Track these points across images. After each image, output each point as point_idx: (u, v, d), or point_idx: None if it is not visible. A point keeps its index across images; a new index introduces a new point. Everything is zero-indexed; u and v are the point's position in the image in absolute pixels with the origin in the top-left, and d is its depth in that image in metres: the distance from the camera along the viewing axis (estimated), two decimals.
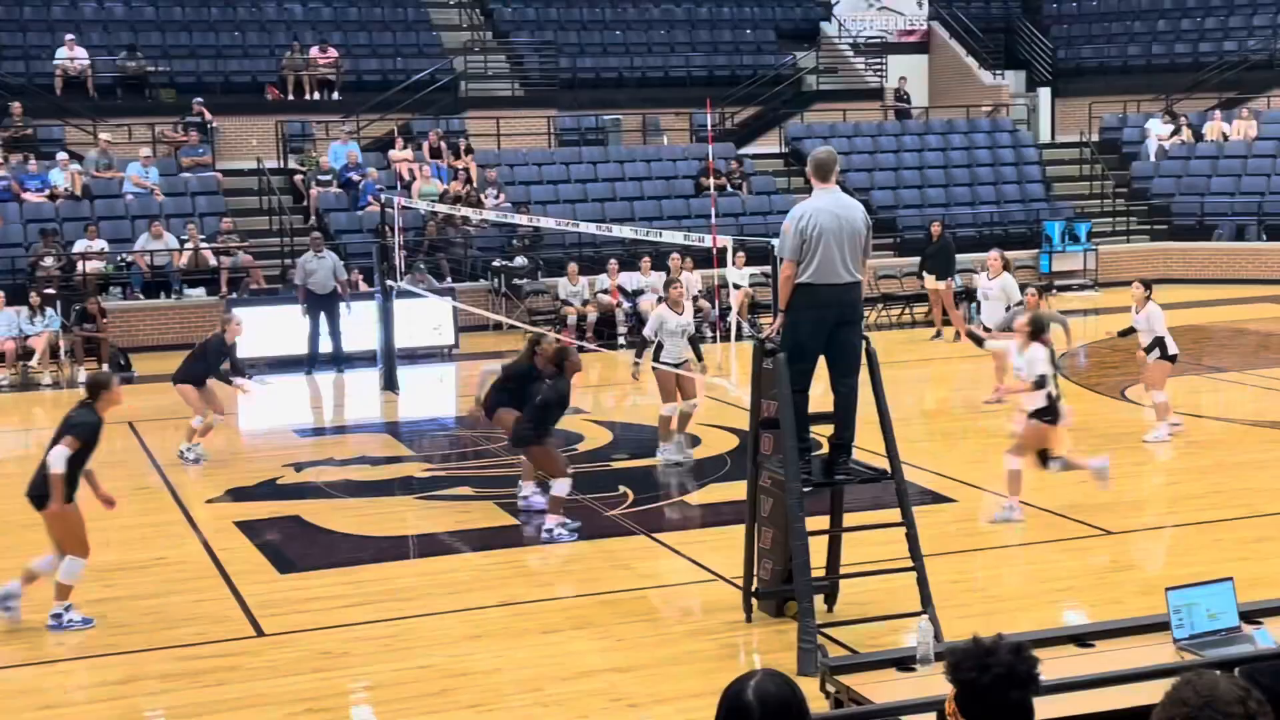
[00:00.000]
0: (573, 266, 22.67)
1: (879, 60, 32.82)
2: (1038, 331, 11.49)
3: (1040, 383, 11.28)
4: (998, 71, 32.84)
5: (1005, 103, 32.08)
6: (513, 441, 11.78)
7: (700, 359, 14.61)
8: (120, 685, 8.36)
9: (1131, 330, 14.67)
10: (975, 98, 31.99)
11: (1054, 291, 25.46)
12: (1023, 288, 16.68)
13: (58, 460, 9.27)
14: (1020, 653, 3.53)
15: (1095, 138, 31.22)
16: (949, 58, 33.62)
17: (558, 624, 9.29)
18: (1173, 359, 14.28)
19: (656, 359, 13.59)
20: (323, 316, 20.01)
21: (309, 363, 19.89)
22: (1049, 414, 11.36)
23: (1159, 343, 14.16)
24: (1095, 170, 30.32)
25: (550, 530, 11.17)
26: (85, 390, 9.80)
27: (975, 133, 30.26)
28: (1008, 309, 15.93)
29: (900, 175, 28.63)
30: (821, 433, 9.17)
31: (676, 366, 13.65)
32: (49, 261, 21.78)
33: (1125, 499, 12.17)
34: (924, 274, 22.34)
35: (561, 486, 11.19)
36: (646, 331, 13.98)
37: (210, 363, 14.54)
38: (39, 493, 9.41)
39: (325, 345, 20.03)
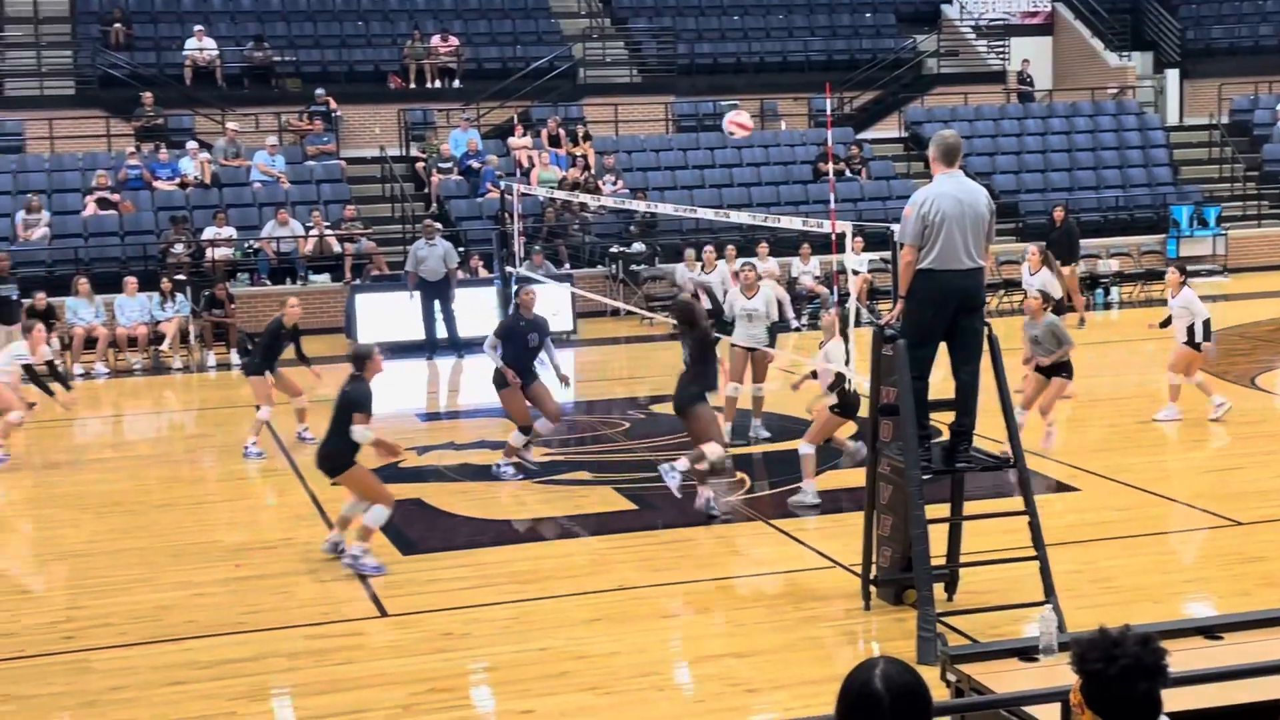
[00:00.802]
0: (690, 252, 22.67)
1: (1001, 43, 32.34)
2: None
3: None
4: (1124, 53, 32.17)
5: (1131, 85, 31.43)
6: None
7: (773, 345, 14.53)
8: (248, 663, 8.56)
9: (1170, 320, 14.50)
10: (1100, 80, 31.39)
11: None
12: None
13: (364, 435, 10.15)
14: (1148, 644, 3.48)
15: (1225, 120, 30.47)
16: (1073, 39, 33.02)
17: (675, 609, 9.33)
18: (1197, 347, 14.04)
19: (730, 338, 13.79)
20: (436, 303, 20.24)
21: (429, 348, 20.16)
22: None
23: (1191, 328, 13.99)
24: (1225, 153, 29.60)
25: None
26: (351, 363, 10.55)
27: (1100, 115, 29.70)
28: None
29: (1023, 159, 28.21)
30: (941, 420, 9.10)
31: (750, 351, 13.84)
32: (179, 248, 22.31)
33: (1254, 489, 11.89)
34: None
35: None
36: (725, 308, 14.32)
37: (270, 347, 14.46)
38: (333, 465, 10.32)
39: (441, 331, 20.26)
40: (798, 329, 21.83)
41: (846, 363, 10.73)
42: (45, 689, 8.22)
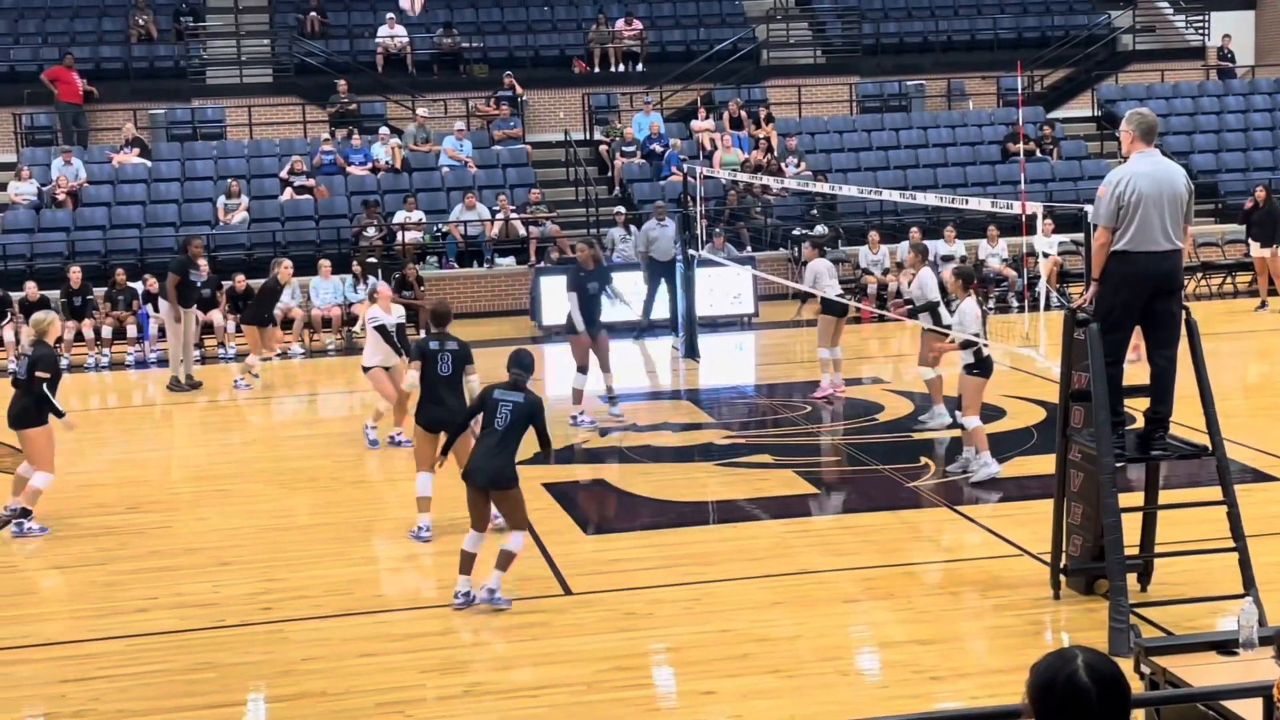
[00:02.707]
0: (874, 234, 22.44)
1: (1201, 17, 31.21)
2: None
3: None
4: None
5: None
6: None
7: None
8: (437, 637, 8.75)
9: None
10: None
11: None
12: None
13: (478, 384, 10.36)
14: None
15: None
16: (1278, 14, 31.70)
17: (857, 594, 9.26)
18: None
19: (939, 323, 13.40)
20: (663, 282, 20.21)
21: (642, 329, 19.96)
22: None
23: None
24: None
25: None
26: (434, 321, 10.87)
27: None
28: None
29: (1223, 138, 27.23)
30: (1135, 407, 8.84)
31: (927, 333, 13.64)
32: (371, 232, 22.87)
33: None
34: (1249, 241, 21.23)
35: None
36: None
37: (263, 303, 17.75)
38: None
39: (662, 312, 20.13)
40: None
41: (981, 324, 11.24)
42: (243, 658, 8.52)
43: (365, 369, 13.79)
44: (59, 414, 11.34)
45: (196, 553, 10.72)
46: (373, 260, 21.76)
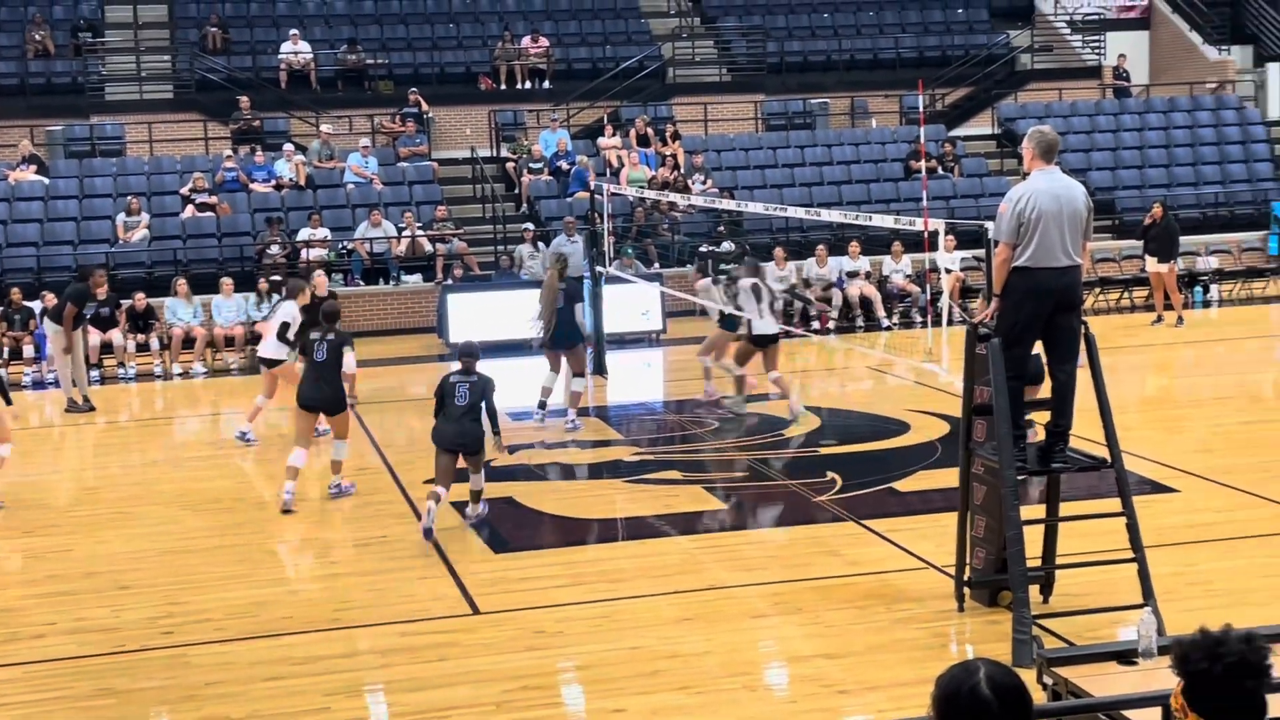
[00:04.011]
0: (780, 251, 22.59)
1: (1097, 37, 31.86)
2: None
3: None
4: (1223, 46, 31.55)
5: (1231, 79, 30.82)
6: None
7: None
8: (343, 659, 8.64)
9: None
10: (1199, 74, 30.82)
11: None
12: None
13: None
14: (1251, 642, 3.41)
15: None
16: (1171, 33, 32.44)
17: (765, 609, 9.30)
18: None
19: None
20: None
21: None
22: None
23: None
24: None
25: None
26: (324, 318, 12.55)
27: (1199, 110, 29.17)
28: None
29: (1119, 155, 27.79)
30: (1037, 420, 8.98)
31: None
32: (275, 249, 22.63)
33: None
34: (1146, 256, 21.68)
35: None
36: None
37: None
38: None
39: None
40: (888, 328, 21.68)
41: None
42: (145, 683, 8.36)
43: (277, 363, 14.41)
44: None
45: (96, 576, 10.51)
46: (277, 278, 21.52)
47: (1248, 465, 12.46)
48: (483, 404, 11.22)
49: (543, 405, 15.41)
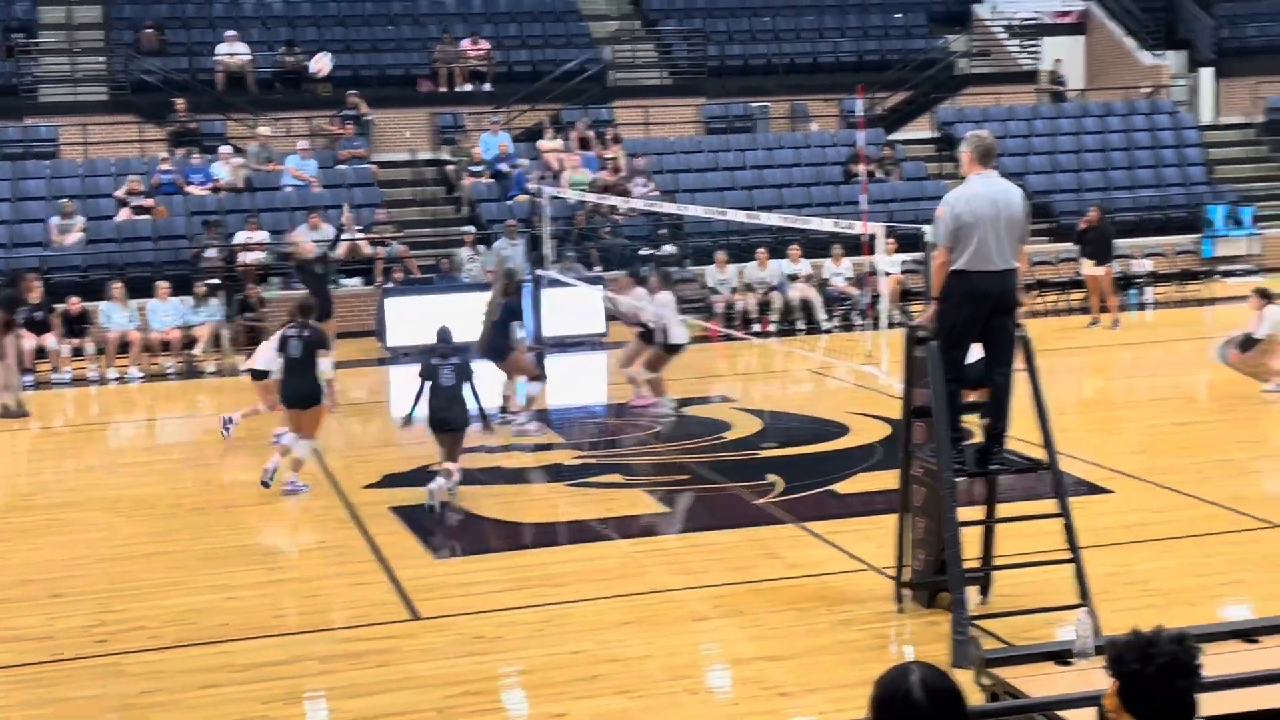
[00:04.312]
0: (721, 255, 22.67)
1: (1034, 42, 32.17)
2: None
3: None
4: (1158, 52, 31.96)
5: (1165, 84, 31.22)
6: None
7: None
8: (282, 666, 8.57)
9: (1254, 341, 14.26)
10: (1134, 79, 31.20)
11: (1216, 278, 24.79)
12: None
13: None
14: (1183, 642, 3.46)
15: (1261, 119, 30.24)
16: (1106, 38, 32.83)
17: (707, 612, 9.31)
18: None
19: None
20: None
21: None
22: None
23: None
24: (1260, 152, 29.37)
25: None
26: (301, 313, 12.97)
27: (1134, 115, 29.51)
28: None
29: (1056, 159, 28.06)
30: (975, 422, 9.04)
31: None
32: (212, 252, 22.41)
33: None
34: (1082, 259, 21.91)
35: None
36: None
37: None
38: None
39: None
40: (829, 331, 21.78)
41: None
42: (79, 692, 8.26)
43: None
44: None
45: (30, 584, 10.37)
46: (214, 281, 21.35)
47: (1182, 466, 12.61)
48: (468, 385, 12.13)
49: (504, 409, 15.49)
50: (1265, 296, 14.52)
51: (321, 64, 27.29)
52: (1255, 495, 11.45)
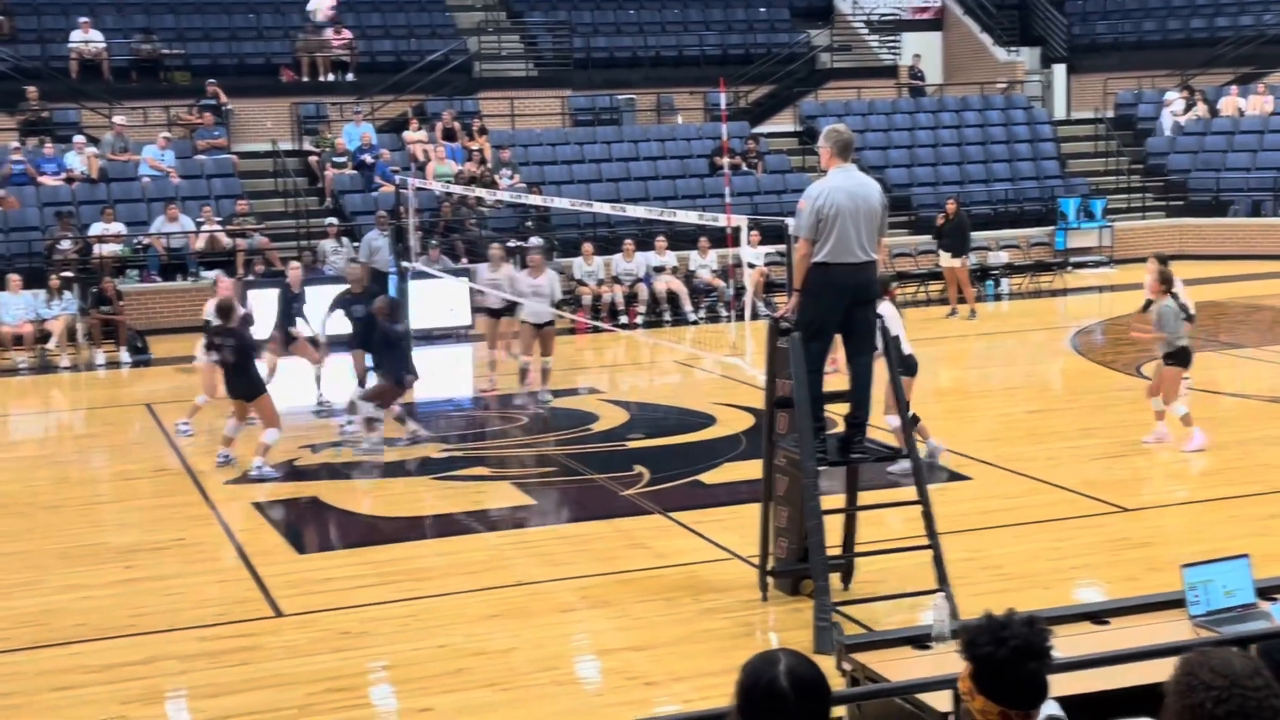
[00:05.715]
0: (587, 246, 22.69)
1: (893, 38, 32.70)
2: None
3: None
4: (1012, 48, 32.70)
5: (1020, 80, 31.95)
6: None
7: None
8: (140, 666, 8.41)
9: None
10: (990, 75, 31.88)
11: (1069, 269, 25.44)
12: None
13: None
14: (1033, 625, 3.55)
15: (1111, 114, 31.11)
16: (963, 35, 33.49)
17: (573, 603, 9.33)
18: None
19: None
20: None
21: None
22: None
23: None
24: (1111, 147, 30.21)
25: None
26: (220, 315, 12.92)
27: (990, 110, 30.16)
28: None
29: (914, 153, 28.56)
30: (837, 411, 9.18)
31: (538, 326, 15.70)
32: (66, 245, 21.85)
33: (1140, 476, 12.18)
34: (940, 251, 22.34)
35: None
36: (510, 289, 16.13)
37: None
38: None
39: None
40: (695, 322, 21.93)
41: None
42: None
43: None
44: None
45: None
46: (69, 274, 20.82)
47: (1035, 453, 12.94)
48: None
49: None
50: (1162, 262, 14.19)
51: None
52: (1105, 480, 11.79)
